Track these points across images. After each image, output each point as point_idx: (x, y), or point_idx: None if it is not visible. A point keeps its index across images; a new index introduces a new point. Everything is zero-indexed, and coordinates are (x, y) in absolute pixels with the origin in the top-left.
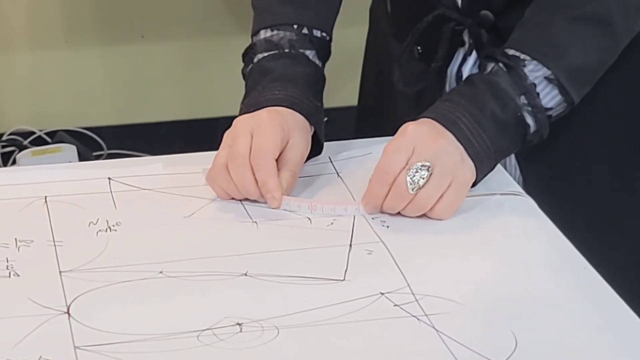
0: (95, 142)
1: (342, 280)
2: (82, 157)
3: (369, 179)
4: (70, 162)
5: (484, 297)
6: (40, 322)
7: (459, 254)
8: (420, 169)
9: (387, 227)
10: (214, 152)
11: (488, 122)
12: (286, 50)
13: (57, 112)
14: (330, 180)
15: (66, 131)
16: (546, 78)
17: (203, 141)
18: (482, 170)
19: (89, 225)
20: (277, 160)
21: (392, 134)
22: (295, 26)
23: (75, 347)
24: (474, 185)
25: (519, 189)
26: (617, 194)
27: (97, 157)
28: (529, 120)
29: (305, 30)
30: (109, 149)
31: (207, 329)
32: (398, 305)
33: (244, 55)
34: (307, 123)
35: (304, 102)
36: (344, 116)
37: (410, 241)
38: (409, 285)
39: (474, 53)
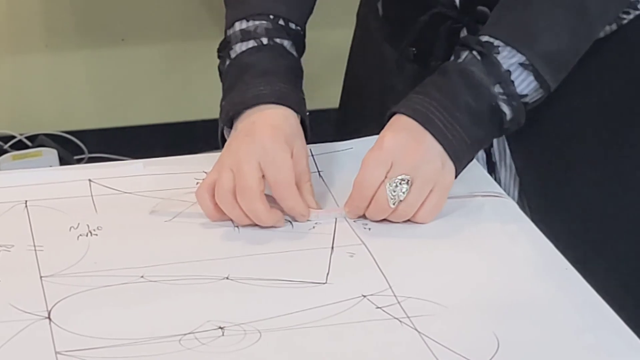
0: (76, 146)
1: (324, 283)
2: (63, 161)
3: (352, 183)
4: (51, 166)
5: (466, 299)
6: (21, 328)
7: (441, 256)
8: (400, 183)
9: (369, 229)
10: (196, 155)
11: (462, 115)
12: (264, 42)
13: (37, 116)
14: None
15: (47, 135)
16: (521, 64)
17: (184, 144)
18: (462, 164)
19: (70, 230)
20: None
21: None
22: (271, 17)
23: (56, 352)
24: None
25: (500, 190)
26: (611, 188)
27: (79, 161)
28: (505, 109)
29: (281, 22)
30: (90, 152)
31: (189, 333)
32: (380, 308)
33: (219, 50)
34: (297, 118)
35: (291, 95)
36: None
37: (392, 243)
38: (390, 287)
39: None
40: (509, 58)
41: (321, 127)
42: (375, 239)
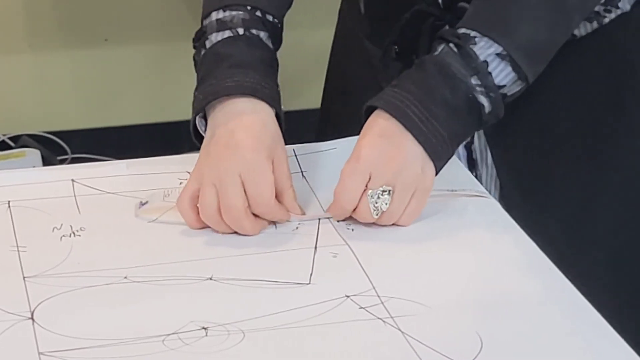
0: (59, 147)
1: (307, 284)
2: (46, 162)
3: (336, 183)
4: (34, 166)
5: (449, 299)
6: (4, 328)
7: (425, 256)
8: (381, 195)
9: (352, 230)
10: (179, 155)
11: (439, 108)
12: (240, 33)
13: (20, 117)
14: (295, 182)
15: (30, 135)
16: (498, 55)
17: (168, 144)
18: (441, 161)
19: (53, 231)
20: None
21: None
22: (248, 7)
23: (39, 353)
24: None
25: (483, 190)
26: (591, 189)
27: (62, 162)
28: (483, 101)
29: (258, 13)
30: (73, 153)
31: (173, 334)
32: (363, 308)
33: (195, 40)
34: (272, 112)
35: (266, 87)
36: (309, 119)
37: (375, 244)
38: (374, 287)
39: None
40: (485, 49)
41: (304, 127)
42: (358, 240)
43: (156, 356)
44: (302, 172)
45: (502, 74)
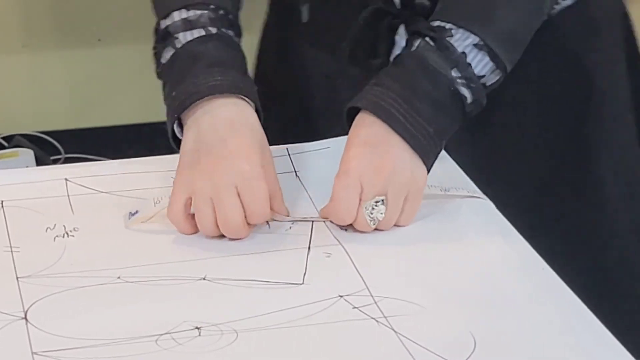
0: (52, 147)
1: (300, 284)
2: (40, 162)
3: (328, 183)
4: (27, 166)
5: (442, 299)
6: None
7: (418, 256)
8: (375, 206)
9: (346, 230)
10: (172, 155)
11: (423, 104)
12: (213, 32)
13: (13, 116)
14: (288, 182)
15: (23, 135)
16: (475, 45)
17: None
18: (430, 159)
19: (47, 231)
20: None
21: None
22: (212, 6)
23: (33, 353)
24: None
25: (477, 190)
26: (558, 190)
27: (55, 161)
28: (465, 92)
29: (221, 12)
30: (66, 153)
31: (166, 333)
32: (357, 308)
33: (158, 41)
34: (255, 114)
35: (247, 86)
36: None
37: (368, 244)
38: (367, 287)
39: None
40: (462, 40)
41: None
42: (352, 239)
43: (149, 356)
44: (295, 171)
45: (481, 65)
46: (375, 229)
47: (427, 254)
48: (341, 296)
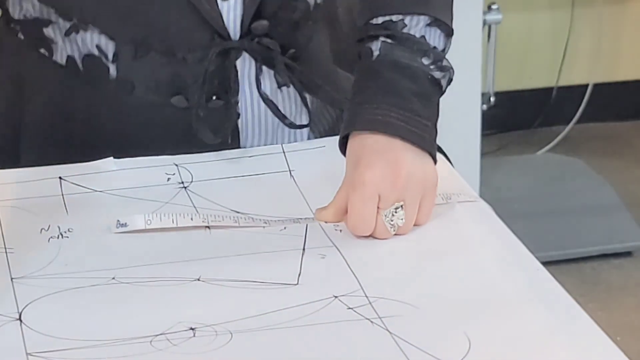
0: None
1: (295, 285)
2: None
3: (323, 183)
4: None
5: (437, 299)
6: None
7: (412, 256)
8: (394, 212)
9: (340, 231)
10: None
11: (413, 103)
12: None
13: None
14: (283, 182)
15: None
16: (428, 25)
17: None
18: (434, 147)
19: (41, 232)
20: None
21: None
22: None
23: (27, 354)
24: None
25: (475, 195)
26: None
27: None
28: (438, 75)
29: None
30: None
31: (160, 334)
32: (351, 308)
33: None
34: None
35: None
36: None
37: (363, 245)
38: (362, 288)
39: (264, 68)
40: (415, 25)
41: None
42: (346, 240)
43: (144, 357)
44: (290, 171)
45: (438, 39)
46: (395, 234)
47: (422, 255)
48: (336, 297)
